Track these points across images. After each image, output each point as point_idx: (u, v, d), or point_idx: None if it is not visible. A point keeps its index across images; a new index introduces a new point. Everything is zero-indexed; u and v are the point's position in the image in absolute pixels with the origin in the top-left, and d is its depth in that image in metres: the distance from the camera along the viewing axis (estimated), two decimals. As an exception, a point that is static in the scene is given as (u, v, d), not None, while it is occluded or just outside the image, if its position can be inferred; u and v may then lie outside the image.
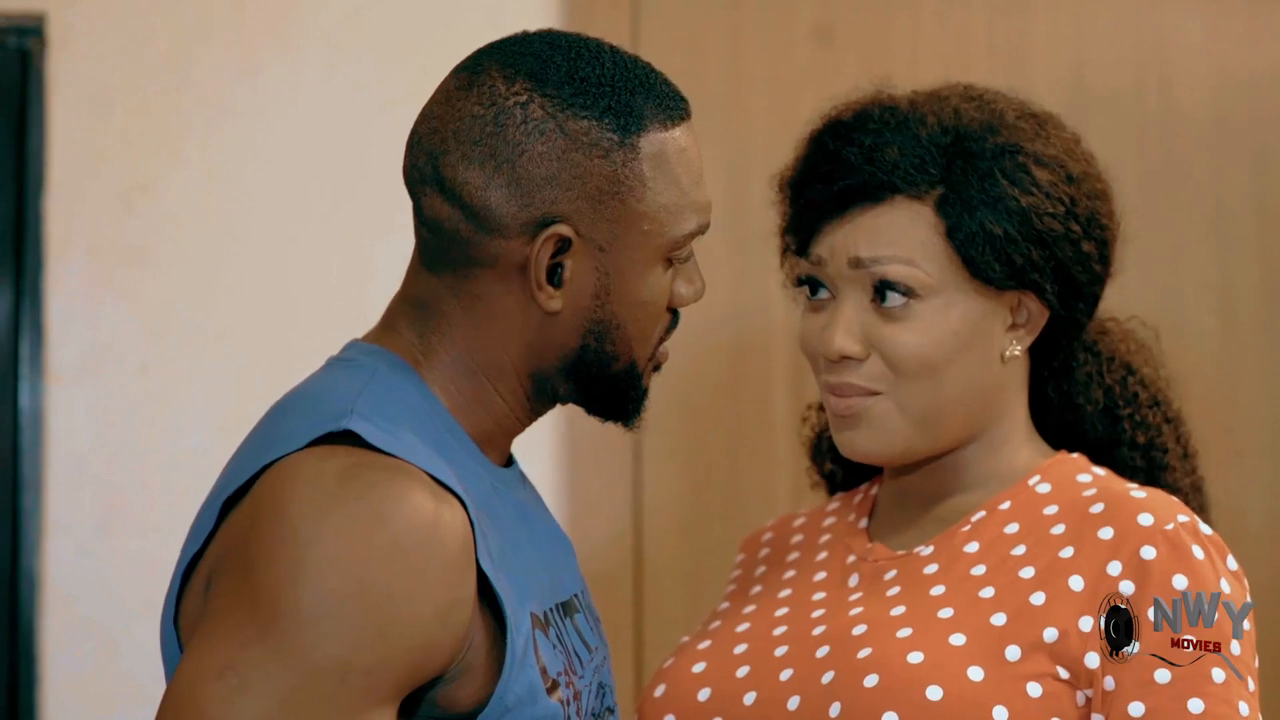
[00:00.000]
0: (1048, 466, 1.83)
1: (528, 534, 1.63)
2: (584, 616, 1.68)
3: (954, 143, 1.78)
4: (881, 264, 1.76)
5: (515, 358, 1.59)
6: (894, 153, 1.77)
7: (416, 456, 1.49)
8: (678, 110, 1.59)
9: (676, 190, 1.58)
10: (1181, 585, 1.68)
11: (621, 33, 2.79)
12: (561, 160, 1.53)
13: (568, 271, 1.56)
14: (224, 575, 1.46)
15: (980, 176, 1.76)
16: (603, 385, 1.62)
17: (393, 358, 1.58)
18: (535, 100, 1.54)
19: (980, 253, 1.75)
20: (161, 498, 2.72)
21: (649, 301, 1.60)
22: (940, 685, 1.67)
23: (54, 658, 2.70)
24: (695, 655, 1.82)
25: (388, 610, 1.42)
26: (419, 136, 1.58)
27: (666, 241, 1.58)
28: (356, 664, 1.41)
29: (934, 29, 2.80)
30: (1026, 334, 1.81)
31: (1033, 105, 1.85)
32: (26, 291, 2.74)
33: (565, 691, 1.57)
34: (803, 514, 1.99)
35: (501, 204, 1.54)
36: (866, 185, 1.77)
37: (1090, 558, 1.72)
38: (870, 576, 1.81)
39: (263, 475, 1.48)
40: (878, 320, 1.77)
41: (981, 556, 1.77)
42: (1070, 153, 1.82)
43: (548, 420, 2.67)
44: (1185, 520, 1.73)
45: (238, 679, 1.39)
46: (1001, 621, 1.70)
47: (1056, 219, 1.77)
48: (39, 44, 2.75)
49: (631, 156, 1.55)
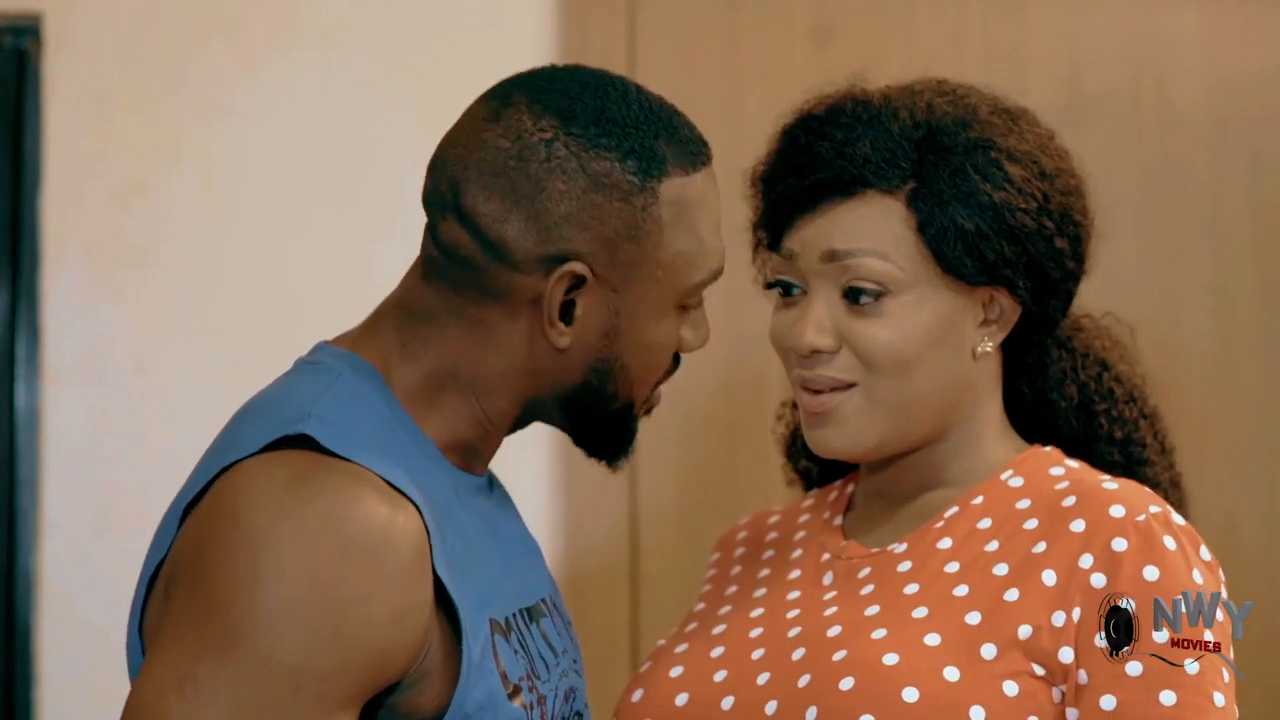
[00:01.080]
0: (1020, 460, 1.82)
1: (492, 538, 1.63)
2: (551, 621, 1.68)
3: (926, 137, 1.77)
4: (855, 256, 1.76)
5: (513, 384, 1.59)
6: (866, 147, 1.76)
7: (372, 461, 1.49)
8: (699, 155, 1.59)
9: (693, 238, 1.59)
10: (1152, 577, 1.68)
11: (617, 32, 2.79)
12: (581, 200, 1.54)
13: (580, 309, 1.56)
14: (180, 583, 1.46)
15: (952, 171, 1.76)
16: (596, 423, 1.63)
17: (359, 362, 1.58)
18: (560, 138, 1.54)
19: (952, 248, 1.75)
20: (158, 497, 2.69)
21: (657, 345, 1.61)
22: (916, 686, 1.66)
23: (50, 657, 2.70)
24: (672, 659, 1.82)
25: (341, 615, 1.42)
26: (443, 161, 1.58)
27: (680, 289, 1.59)
28: (311, 670, 1.41)
29: (930, 29, 2.80)
30: (998, 330, 1.81)
31: (1006, 100, 1.85)
32: (23, 291, 2.74)
33: (528, 696, 1.57)
34: (777, 511, 1.99)
35: (519, 238, 1.54)
36: (838, 179, 1.76)
37: (1062, 551, 1.71)
38: (844, 575, 1.81)
39: (217, 480, 1.48)
40: (849, 315, 1.77)
41: (955, 554, 1.76)
42: (1043, 148, 1.81)
43: (542, 421, 2.68)
44: (1157, 511, 1.72)
45: (194, 690, 1.39)
46: (976, 620, 1.70)
47: (1029, 215, 1.77)
48: (35, 44, 2.75)
49: (651, 201, 1.56)
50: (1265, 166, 2.72)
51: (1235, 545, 2.66)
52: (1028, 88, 2.76)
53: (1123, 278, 2.72)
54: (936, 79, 1.85)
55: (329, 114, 2.81)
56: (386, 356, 1.59)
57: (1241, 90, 2.75)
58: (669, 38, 2.81)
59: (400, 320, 1.60)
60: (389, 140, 2.77)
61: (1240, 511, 2.68)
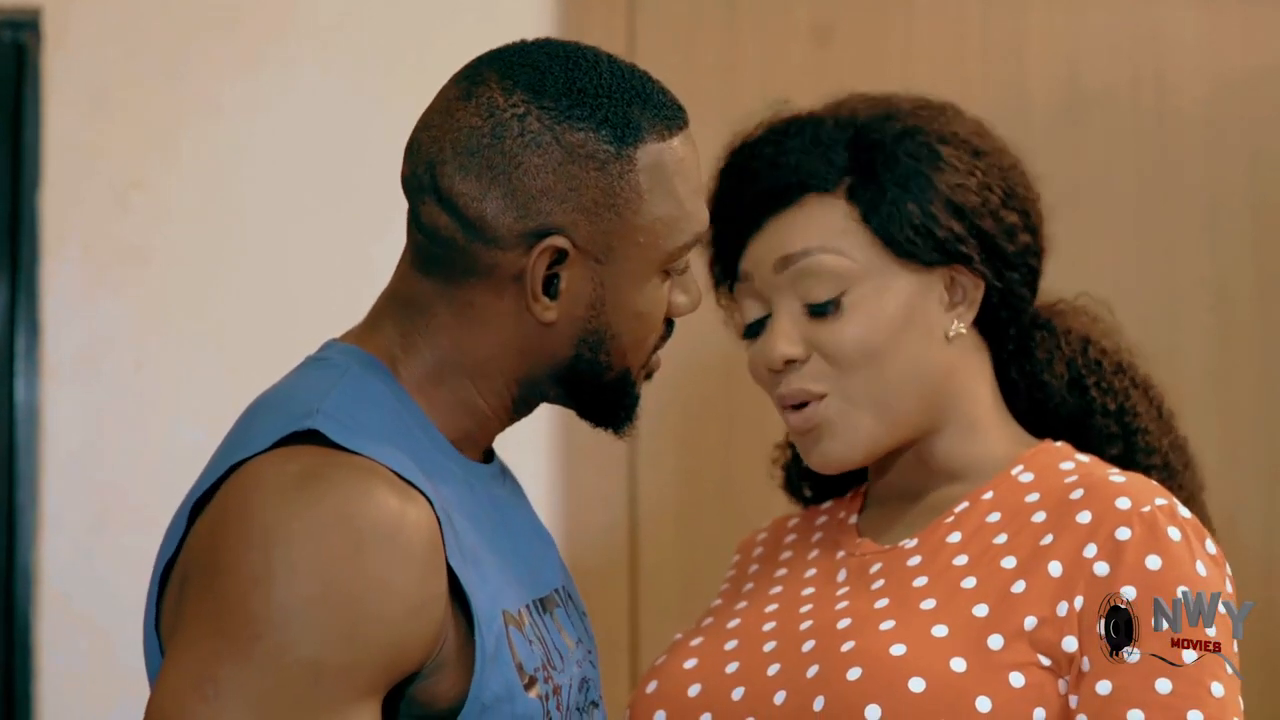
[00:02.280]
0: (1030, 455, 1.83)
1: (504, 529, 1.63)
2: (565, 611, 1.68)
3: (855, 135, 1.81)
4: (807, 255, 1.79)
5: (505, 364, 1.59)
6: (796, 154, 1.80)
7: (382, 454, 1.49)
8: (675, 120, 1.59)
9: (673, 202, 1.58)
10: (1155, 566, 1.69)
11: (617, 31, 2.79)
12: (558, 172, 1.53)
13: (563, 283, 1.56)
14: (194, 581, 1.46)
15: (886, 160, 1.79)
16: (594, 393, 1.62)
17: (366, 356, 1.58)
18: (533, 112, 1.54)
19: (900, 230, 1.78)
20: (157, 493, 2.71)
21: (645, 313, 1.60)
22: (923, 677, 1.67)
23: (50, 653, 2.70)
24: (687, 652, 1.83)
25: (355, 609, 1.42)
26: (418, 144, 1.58)
27: (663, 254, 1.58)
28: (329, 664, 1.41)
29: (929, 27, 2.80)
30: (966, 310, 1.83)
31: (931, 97, 1.88)
32: (22, 287, 2.74)
33: (544, 687, 1.57)
34: (796, 516, 2.01)
35: (498, 215, 1.54)
36: (774, 190, 1.80)
37: (1069, 542, 1.72)
38: (857, 571, 1.82)
39: (228, 478, 1.48)
40: (812, 323, 1.80)
41: (964, 547, 1.77)
42: (974, 132, 1.85)
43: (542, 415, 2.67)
44: (1163, 503, 1.73)
45: (215, 690, 1.39)
46: (984, 612, 1.71)
47: (970, 190, 1.80)
48: (34, 39, 2.75)
49: (628, 169, 1.55)
50: (1264, 164, 2.73)
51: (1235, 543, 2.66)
52: (1027, 85, 2.76)
53: (1122, 274, 2.73)
54: (860, 92, 1.88)
55: (328, 110, 2.81)
56: (390, 349, 1.59)
57: (1241, 88, 2.75)
58: (668, 35, 2.81)
59: (397, 312, 1.60)
60: (387, 136, 2.75)
61: (1240, 509, 2.69)
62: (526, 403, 1.63)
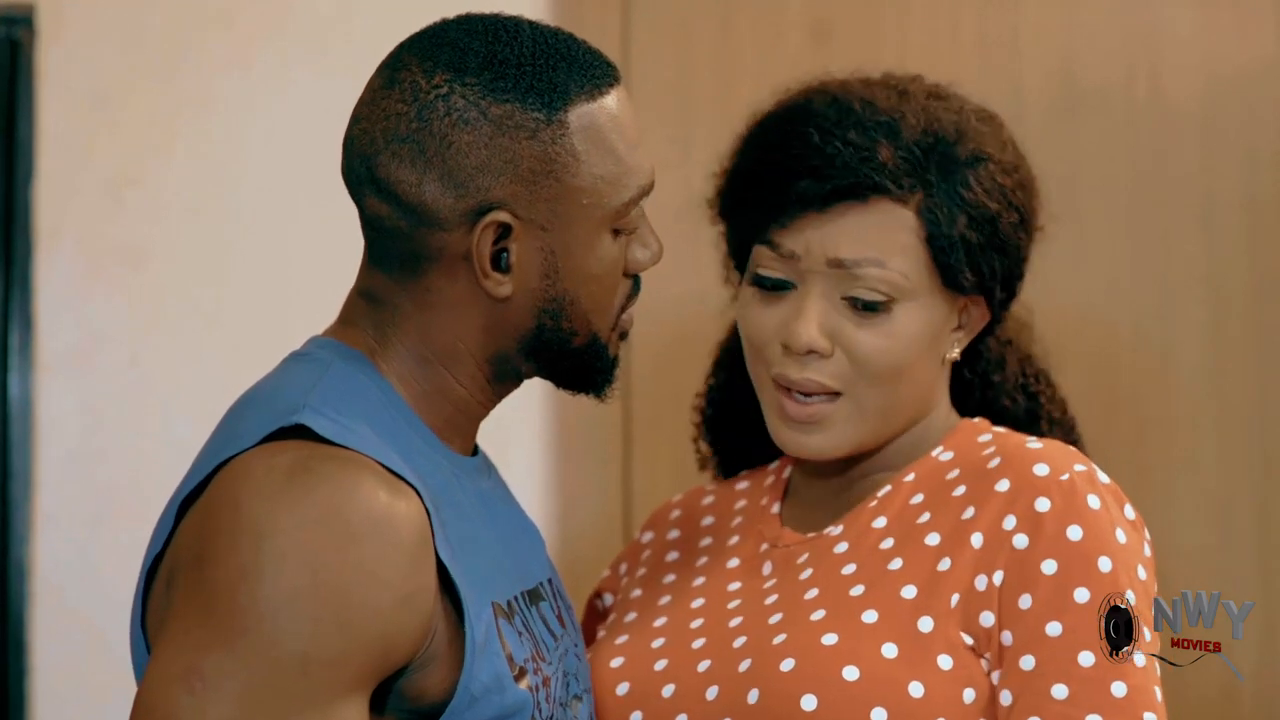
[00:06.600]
0: (949, 435, 1.84)
1: (491, 522, 1.63)
2: (550, 604, 1.68)
3: (933, 145, 1.78)
4: (863, 267, 1.76)
5: (472, 345, 1.59)
6: (885, 153, 1.77)
7: (369, 447, 1.49)
8: (605, 78, 1.58)
9: (612, 159, 1.57)
10: (1075, 537, 1.68)
11: (612, 28, 2.79)
12: (490, 147, 1.53)
13: (513, 256, 1.56)
14: (182, 576, 1.46)
15: (958, 183, 1.77)
16: (566, 361, 1.62)
17: (349, 351, 1.59)
18: (456, 90, 1.53)
19: (956, 259, 1.77)
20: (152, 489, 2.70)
21: (601, 274, 1.59)
22: (856, 665, 1.67)
23: (44, 648, 2.70)
24: (612, 650, 1.82)
25: (344, 601, 1.42)
26: (351, 139, 1.59)
27: (608, 212, 1.58)
28: (317, 657, 1.41)
29: (924, 22, 2.80)
30: (965, 336, 1.84)
31: (980, 105, 1.86)
32: (16, 282, 2.74)
33: (534, 678, 1.57)
34: (711, 490, 1.99)
35: (437, 198, 1.54)
36: (858, 186, 1.76)
37: (989, 513, 1.72)
38: (783, 563, 1.81)
39: (216, 474, 1.48)
40: (847, 320, 1.77)
41: (889, 530, 1.77)
42: (1019, 156, 1.85)
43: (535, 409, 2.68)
44: (1082, 469, 1.73)
45: (202, 683, 1.39)
46: (912, 594, 1.71)
47: (1015, 228, 1.81)
48: (29, 34, 2.75)
49: (560, 133, 1.55)
50: (1259, 160, 2.72)
51: (1229, 538, 2.66)
52: (1021, 81, 2.76)
53: (1116, 271, 2.73)
54: (919, 78, 1.86)
55: (323, 106, 2.79)
56: (368, 343, 1.60)
57: (1235, 83, 2.75)
58: (663, 33, 2.81)
59: (365, 308, 1.61)
60: (383, 133, 2.76)
61: (1234, 504, 2.69)
62: (502, 381, 1.63)
